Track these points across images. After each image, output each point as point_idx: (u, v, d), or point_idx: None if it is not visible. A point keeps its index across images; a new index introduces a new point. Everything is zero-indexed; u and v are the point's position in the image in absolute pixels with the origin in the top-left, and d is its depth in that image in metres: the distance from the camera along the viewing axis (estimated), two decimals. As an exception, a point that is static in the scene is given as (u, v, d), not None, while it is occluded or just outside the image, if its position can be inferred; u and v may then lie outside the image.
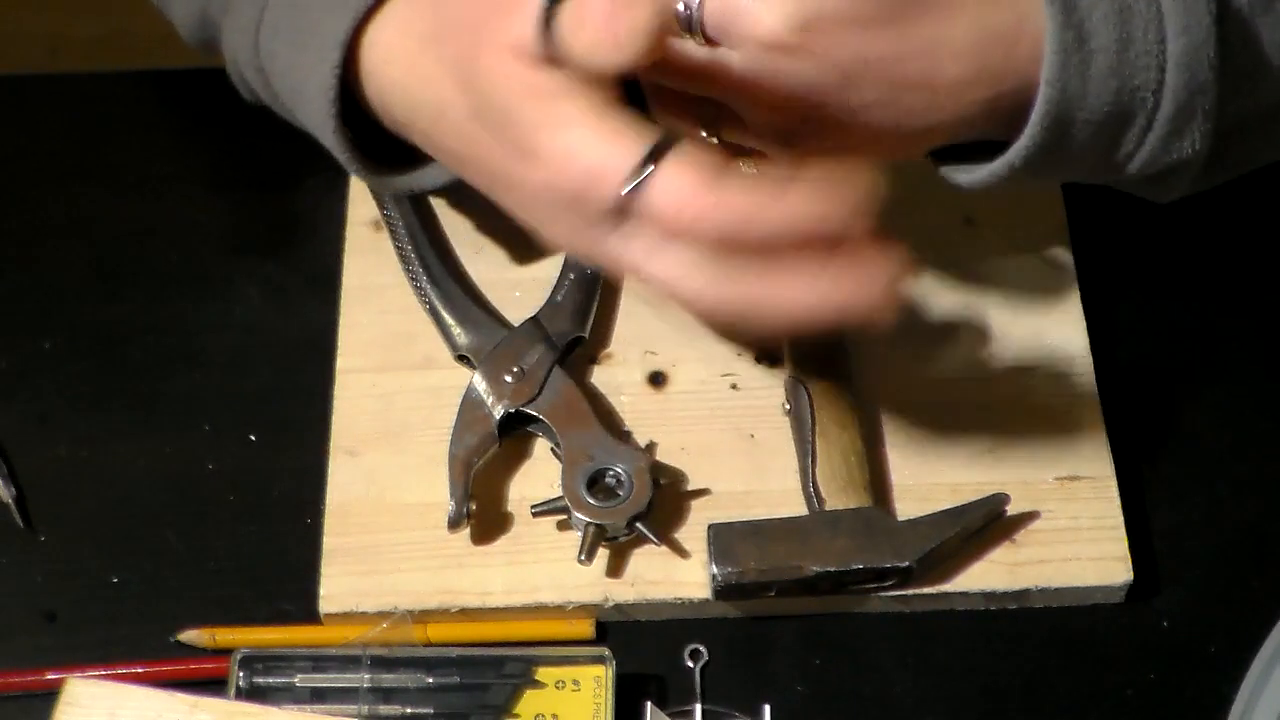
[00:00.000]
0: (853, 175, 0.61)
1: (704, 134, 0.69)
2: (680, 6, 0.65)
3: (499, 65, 0.63)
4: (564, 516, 0.76)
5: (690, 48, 0.66)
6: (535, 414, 0.77)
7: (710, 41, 0.65)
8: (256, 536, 0.78)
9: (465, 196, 0.86)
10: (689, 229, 0.60)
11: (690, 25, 0.65)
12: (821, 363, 0.79)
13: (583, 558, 0.74)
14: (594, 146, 0.61)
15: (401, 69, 0.68)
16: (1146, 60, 0.66)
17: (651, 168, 0.60)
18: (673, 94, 0.69)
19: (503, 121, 0.63)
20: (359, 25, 0.69)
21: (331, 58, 0.69)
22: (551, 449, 0.78)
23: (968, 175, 0.71)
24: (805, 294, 0.62)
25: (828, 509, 0.75)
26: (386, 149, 0.73)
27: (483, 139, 0.65)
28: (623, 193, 0.60)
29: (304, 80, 0.71)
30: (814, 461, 0.76)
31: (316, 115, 0.71)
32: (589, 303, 0.81)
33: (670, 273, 0.62)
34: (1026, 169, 0.68)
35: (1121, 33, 0.65)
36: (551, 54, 0.61)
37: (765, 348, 0.81)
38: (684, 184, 0.60)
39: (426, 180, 0.75)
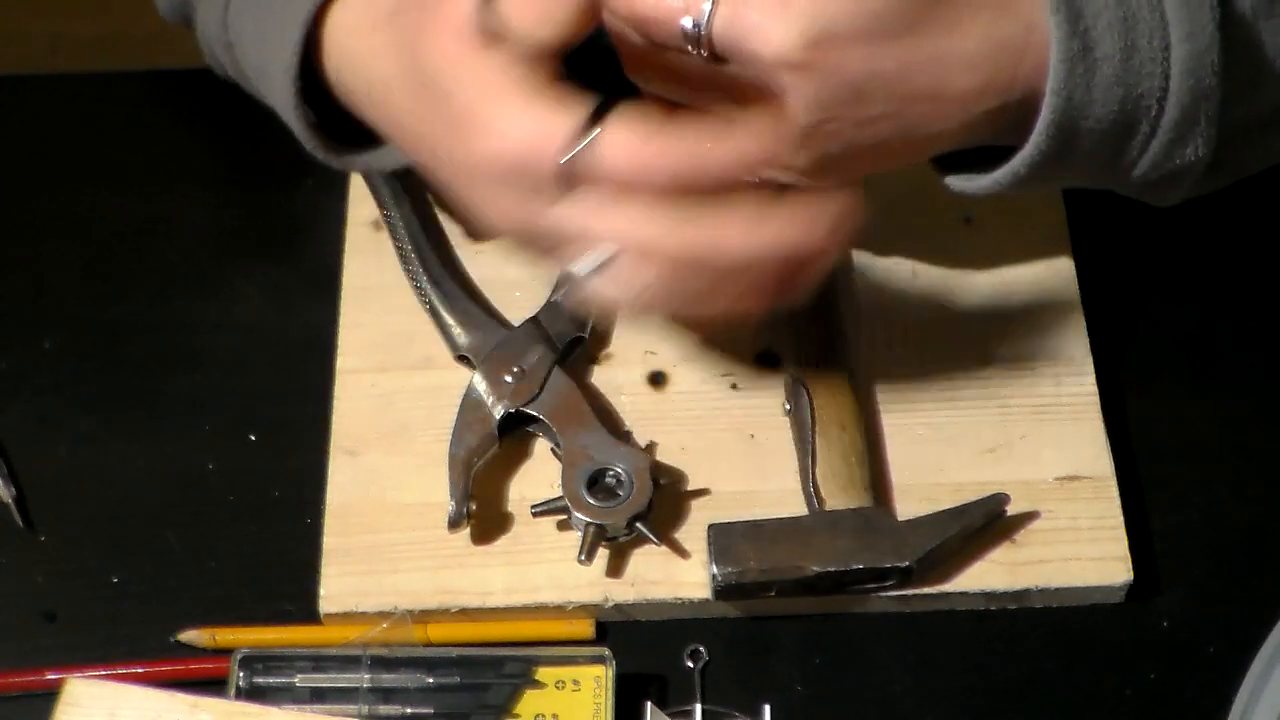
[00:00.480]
0: (789, 119, 0.63)
1: None
2: (688, 23, 0.65)
3: (440, 43, 0.64)
4: (564, 516, 0.76)
5: (694, 65, 0.66)
6: (535, 414, 0.77)
7: (718, 58, 0.65)
8: (256, 536, 0.78)
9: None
10: (640, 177, 0.62)
11: (698, 42, 0.65)
12: (820, 350, 0.79)
13: (583, 558, 0.74)
14: (530, 119, 0.62)
15: (360, 42, 0.69)
16: (1151, 68, 0.66)
17: (597, 130, 0.62)
18: (673, 101, 0.69)
19: (444, 97, 0.64)
20: (322, 6, 0.70)
21: (294, 35, 0.70)
22: (551, 449, 0.78)
23: (972, 183, 0.71)
24: (757, 234, 0.64)
25: (828, 509, 0.75)
26: (347, 130, 0.74)
27: (426, 114, 0.66)
28: (563, 159, 0.62)
29: (268, 57, 0.72)
30: (814, 461, 0.76)
31: (279, 92, 0.72)
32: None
33: (621, 228, 0.63)
34: (1031, 176, 0.69)
35: (1126, 41, 0.65)
36: (490, 32, 0.63)
37: (766, 348, 0.81)
38: (630, 137, 0.62)
39: (385, 161, 0.75)
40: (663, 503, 0.76)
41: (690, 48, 0.65)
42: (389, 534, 0.76)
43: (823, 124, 0.66)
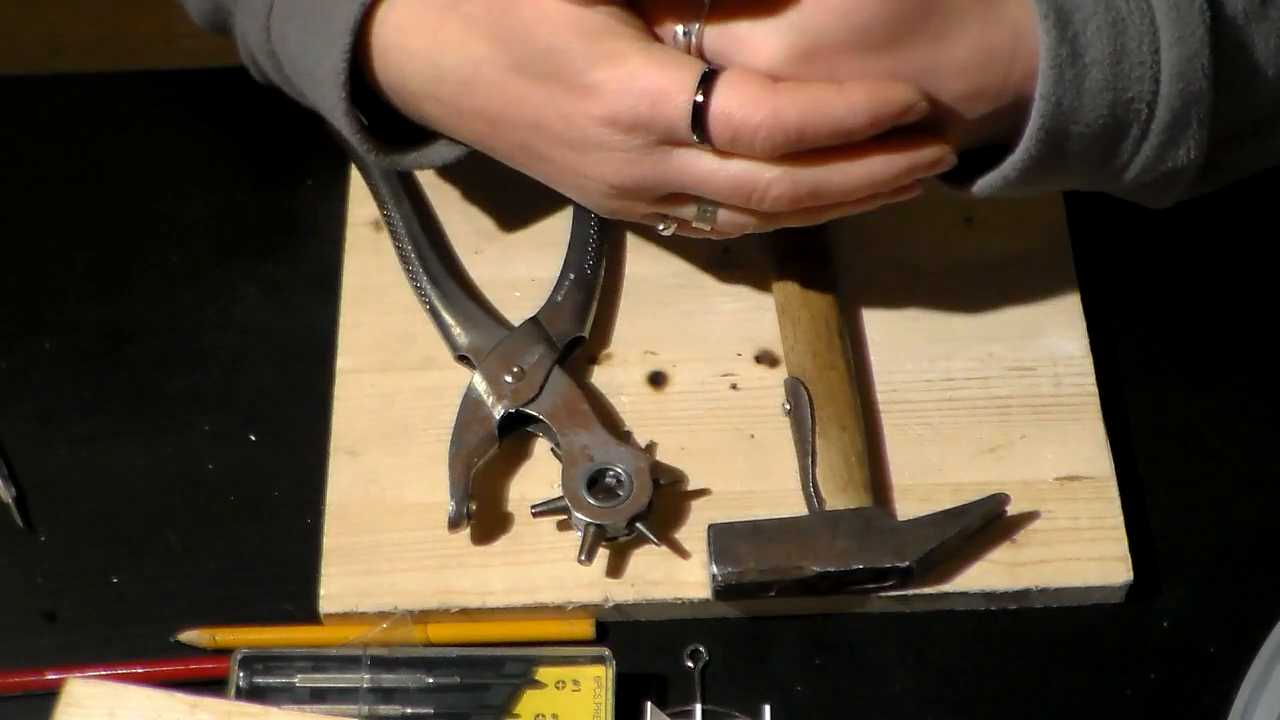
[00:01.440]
0: (898, 83, 0.66)
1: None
2: (679, 31, 0.66)
3: (542, 9, 0.65)
4: (564, 516, 0.76)
5: None
6: (535, 414, 0.77)
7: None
8: (256, 536, 0.78)
9: (468, 194, 0.86)
10: (770, 119, 0.64)
11: (689, 50, 0.66)
12: (820, 366, 0.79)
13: (583, 558, 0.74)
14: (654, 70, 0.65)
15: (423, 39, 0.70)
16: (1141, 72, 0.66)
17: (715, 80, 0.64)
18: None
19: (552, 64, 0.66)
20: (369, 8, 0.70)
21: (342, 41, 0.70)
22: (551, 449, 0.78)
23: (964, 186, 0.71)
24: (864, 176, 0.67)
25: (828, 509, 0.75)
26: (393, 128, 0.74)
27: (524, 90, 0.67)
28: (694, 100, 0.64)
29: (315, 64, 0.71)
30: (814, 461, 0.76)
31: (328, 98, 0.72)
32: (589, 303, 0.81)
33: (741, 173, 0.66)
34: (1021, 180, 0.69)
35: (1116, 45, 0.66)
36: None
37: (765, 349, 0.81)
38: (750, 87, 0.64)
39: (435, 157, 0.76)
40: (663, 503, 0.76)
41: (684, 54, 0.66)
42: (389, 534, 0.76)
43: None
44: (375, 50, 0.71)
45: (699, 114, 0.65)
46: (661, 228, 0.73)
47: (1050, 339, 0.81)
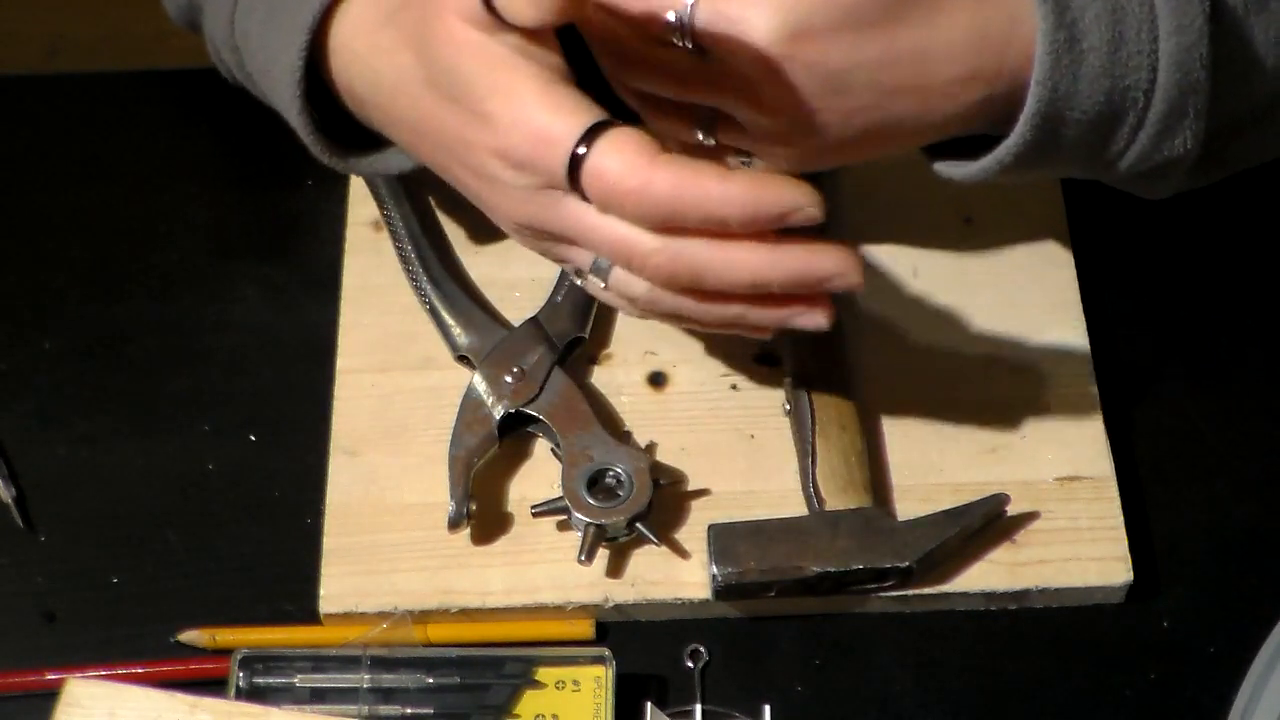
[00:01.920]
0: (796, 180, 0.63)
1: (699, 136, 0.69)
2: (670, 15, 0.65)
3: (450, 31, 0.64)
4: (564, 517, 0.76)
5: (680, 58, 0.66)
6: (535, 414, 0.77)
7: (700, 49, 0.65)
8: (256, 536, 0.78)
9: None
10: (631, 192, 0.62)
11: (681, 32, 0.65)
12: (820, 366, 0.79)
13: (583, 558, 0.74)
14: (544, 113, 0.63)
15: (365, 42, 0.69)
16: (1139, 60, 0.66)
17: (599, 135, 0.62)
18: (664, 99, 0.69)
19: (456, 86, 0.65)
20: (329, 7, 0.70)
21: (299, 39, 0.70)
22: (551, 449, 0.78)
23: (959, 170, 0.71)
24: (745, 271, 0.64)
25: (828, 509, 0.75)
26: (351, 133, 0.74)
27: (438, 107, 0.66)
28: (574, 151, 0.62)
29: (273, 60, 0.72)
30: (814, 461, 0.76)
31: (284, 95, 0.72)
32: (589, 303, 0.81)
33: (616, 237, 0.64)
34: (1017, 166, 0.69)
35: (1114, 32, 0.65)
36: (491, 18, 0.63)
37: (765, 349, 0.81)
38: (629, 151, 0.62)
39: (389, 164, 0.75)
40: (663, 503, 0.76)
41: (674, 39, 0.65)
42: (389, 534, 0.76)
43: (807, 116, 0.66)
44: (330, 51, 0.71)
45: (575, 166, 0.63)
46: (576, 277, 0.71)
47: (1050, 339, 0.81)
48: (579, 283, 0.70)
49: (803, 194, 0.63)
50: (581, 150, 0.62)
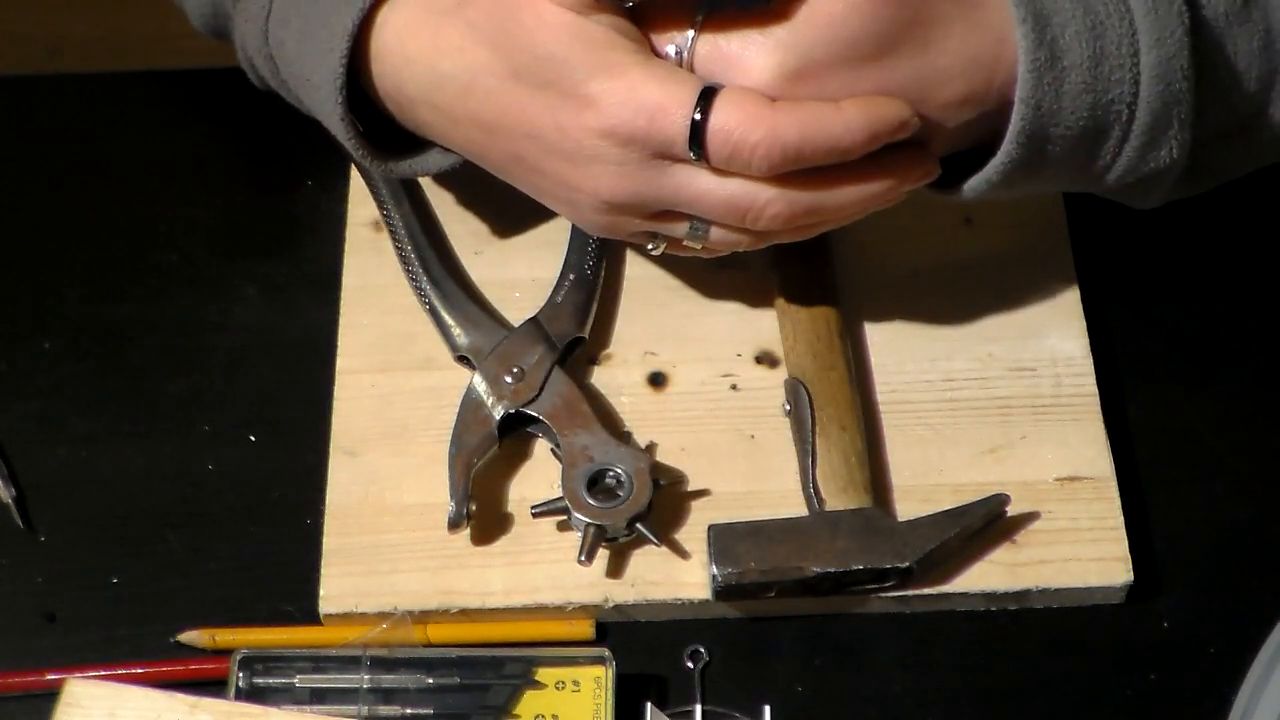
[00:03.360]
0: (890, 100, 0.66)
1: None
2: (670, 50, 0.66)
3: (542, 17, 0.65)
4: (564, 517, 0.76)
5: None
6: (535, 414, 0.77)
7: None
8: (256, 536, 0.78)
9: (467, 195, 0.86)
10: (761, 142, 0.64)
11: (680, 67, 0.66)
12: (820, 366, 0.79)
13: (583, 558, 0.74)
14: (654, 85, 0.65)
15: (422, 43, 0.69)
16: (1120, 74, 0.66)
17: (714, 97, 0.64)
18: None
19: (551, 73, 0.66)
20: (369, 13, 0.70)
21: (340, 47, 0.70)
22: (551, 449, 0.78)
23: (949, 191, 0.72)
24: (858, 194, 0.68)
25: (828, 509, 0.75)
26: (389, 135, 0.74)
27: (521, 98, 0.67)
28: (693, 117, 0.64)
29: (312, 69, 0.71)
30: (814, 461, 0.76)
31: (325, 103, 0.72)
32: (589, 303, 0.81)
33: (738, 192, 0.66)
34: (1004, 183, 0.69)
35: (1095, 49, 0.66)
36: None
37: (765, 349, 0.81)
38: (749, 105, 0.64)
39: (429, 165, 0.76)
40: (663, 503, 0.76)
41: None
42: (389, 534, 0.76)
43: None
44: (373, 55, 0.71)
45: (697, 131, 0.65)
46: (651, 246, 0.73)
47: (1050, 339, 0.81)
48: (656, 252, 0.72)
49: (902, 106, 0.66)
50: (699, 116, 0.64)
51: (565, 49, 0.65)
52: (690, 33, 0.66)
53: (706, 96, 0.65)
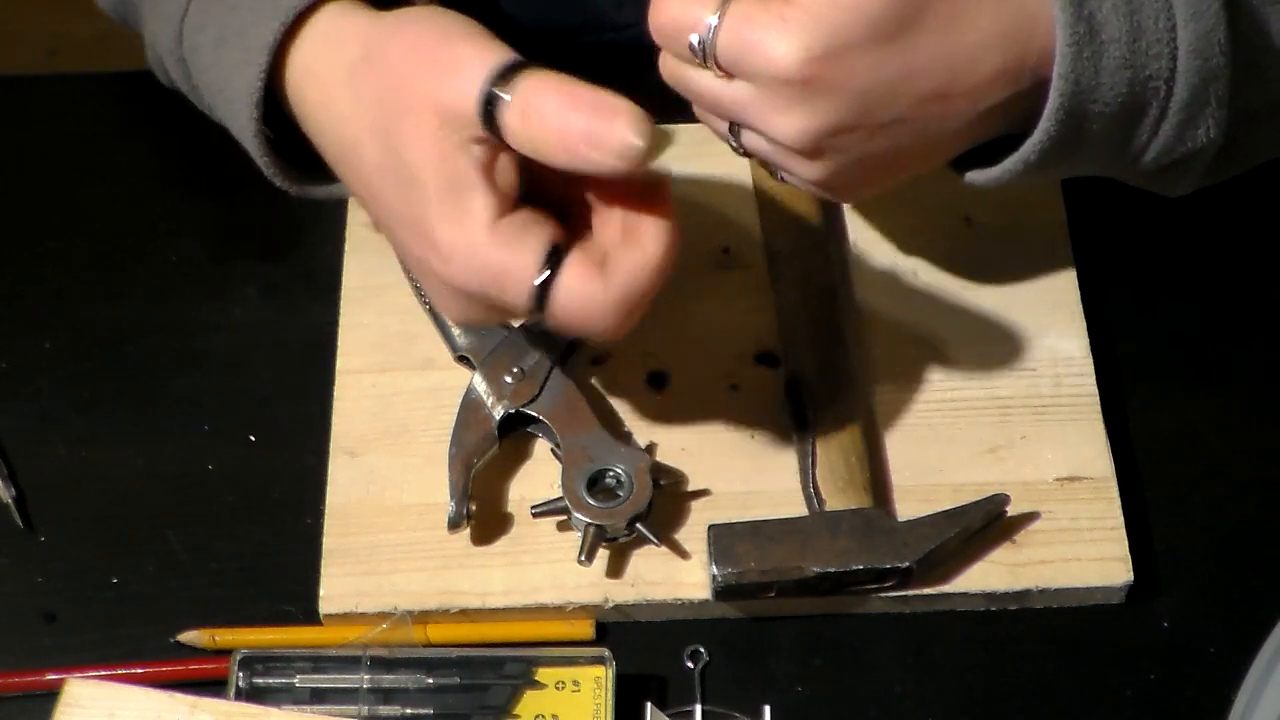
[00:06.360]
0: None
1: (732, 142, 0.69)
2: (694, 39, 0.65)
3: (421, 129, 0.63)
4: (564, 517, 0.76)
5: (706, 78, 0.66)
6: (535, 415, 0.77)
7: (725, 73, 0.65)
8: (256, 537, 0.78)
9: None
10: (593, 322, 0.64)
11: (704, 55, 0.65)
12: (819, 366, 0.79)
13: (583, 558, 0.74)
14: (497, 250, 0.63)
15: (319, 93, 0.68)
16: (1158, 49, 0.66)
17: (548, 272, 0.63)
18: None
19: (415, 192, 0.64)
20: (288, 31, 0.69)
21: (259, 60, 0.68)
22: (551, 449, 0.78)
23: (982, 174, 0.71)
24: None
25: (828, 509, 0.75)
26: (308, 154, 0.73)
27: (387, 193, 0.66)
28: (534, 283, 0.63)
29: (228, 80, 0.70)
30: (814, 461, 0.76)
31: (239, 117, 0.70)
32: (589, 303, 0.81)
33: (574, 328, 0.65)
34: (1041, 163, 0.68)
35: (1132, 23, 0.65)
36: (483, 132, 0.62)
37: (765, 349, 0.81)
38: (579, 285, 0.63)
39: (345, 192, 0.74)
40: (663, 503, 0.76)
41: (700, 62, 0.65)
42: (389, 534, 0.76)
43: (834, 136, 0.65)
44: (286, 81, 0.70)
45: (543, 292, 0.64)
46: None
47: (1050, 339, 0.81)
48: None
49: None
50: (547, 278, 0.63)
51: (427, 176, 0.63)
52: (712, 20, 0.65)
53: (552, 260, 0.63)
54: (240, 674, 0.72)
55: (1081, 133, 0.67)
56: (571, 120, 0.60)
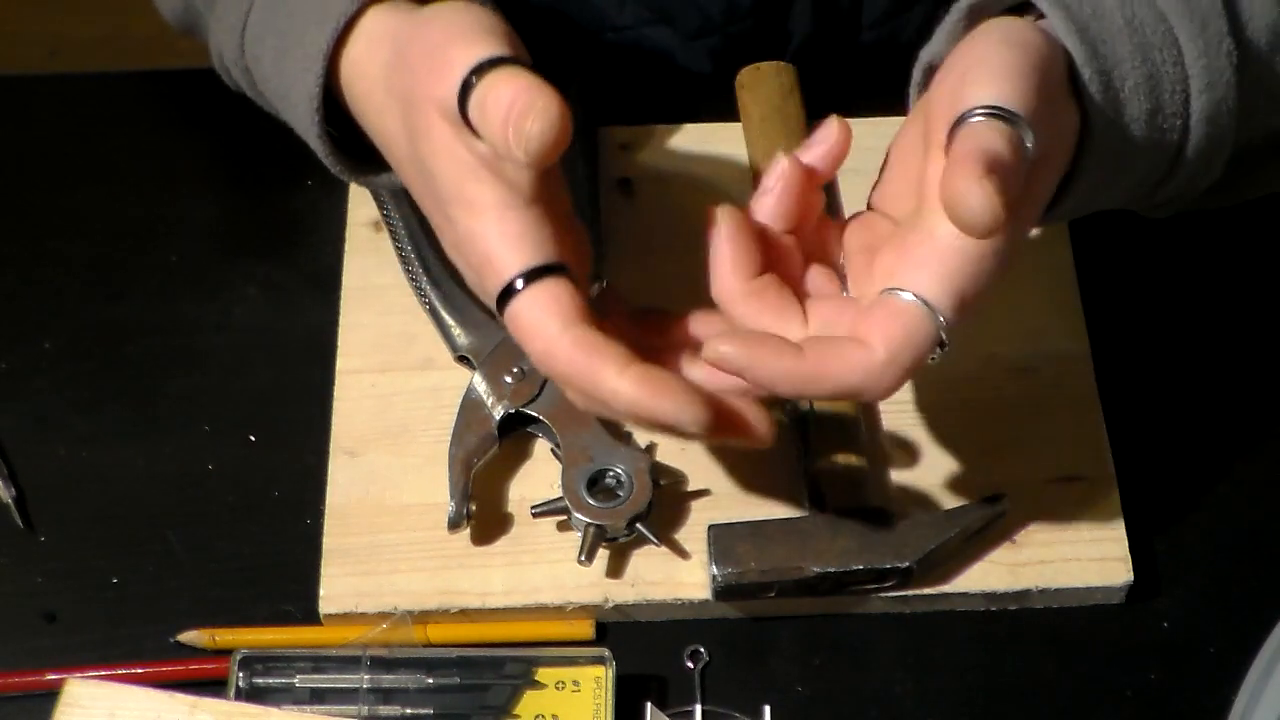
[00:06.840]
0: (688, 391, 0.63)
1: None
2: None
3: (429, 124, 0.65)
4: (564, 517, 0.76)
5: None
6: (535, 414, 0.77)
7: None
8: (256, 537, 0.78)
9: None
10: (534, 353, 0.64)
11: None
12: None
13: (583, 558, 0.74)
14: (490, 240, 0.64)
15: (363, 88, 0.70)
16: (1173, 122, 0.67)
17: (521, 283, 0.63)
18: None
19: (430, 179, 0.66)
20: (340, 36, 0.70)
21: (315, 67, 0.70)
22: (551, 449, 0.78)
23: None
24: (634, 405, 0.63)
25: (828, 509, 0.75)
26: (365, 146, 0.74)
27: (415, 179, 0.68)
28: (510, 284, 0.64)
29: (289, 85, 0.71)
30: (814, 461, 0.76)
31: (301, 119, 0.72)
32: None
33: (535, 352, 0.64)
34: (1054, 220, 0.69)
35: (1152, 102, 0.66)
36: (464, 124, 0.64)
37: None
38: (537, 316, 0.63)
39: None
40: (663, 503, 0.76)
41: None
42: (389, 534, 0.76)
43: None
44: (341, 79, 0.71)
45: (506, 297, 0.64)
46: None
47: (1050, 339, 0.81)
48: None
49: (686, 409, 0.62)
50: (519, 285, 0.64)
51: (439, 165, 0.65)
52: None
53: (532, 276, 0.64)
54: (240, 674, 0.72)
55: (1094, 203, 0.69)
56: (508, 114, 0.61)
